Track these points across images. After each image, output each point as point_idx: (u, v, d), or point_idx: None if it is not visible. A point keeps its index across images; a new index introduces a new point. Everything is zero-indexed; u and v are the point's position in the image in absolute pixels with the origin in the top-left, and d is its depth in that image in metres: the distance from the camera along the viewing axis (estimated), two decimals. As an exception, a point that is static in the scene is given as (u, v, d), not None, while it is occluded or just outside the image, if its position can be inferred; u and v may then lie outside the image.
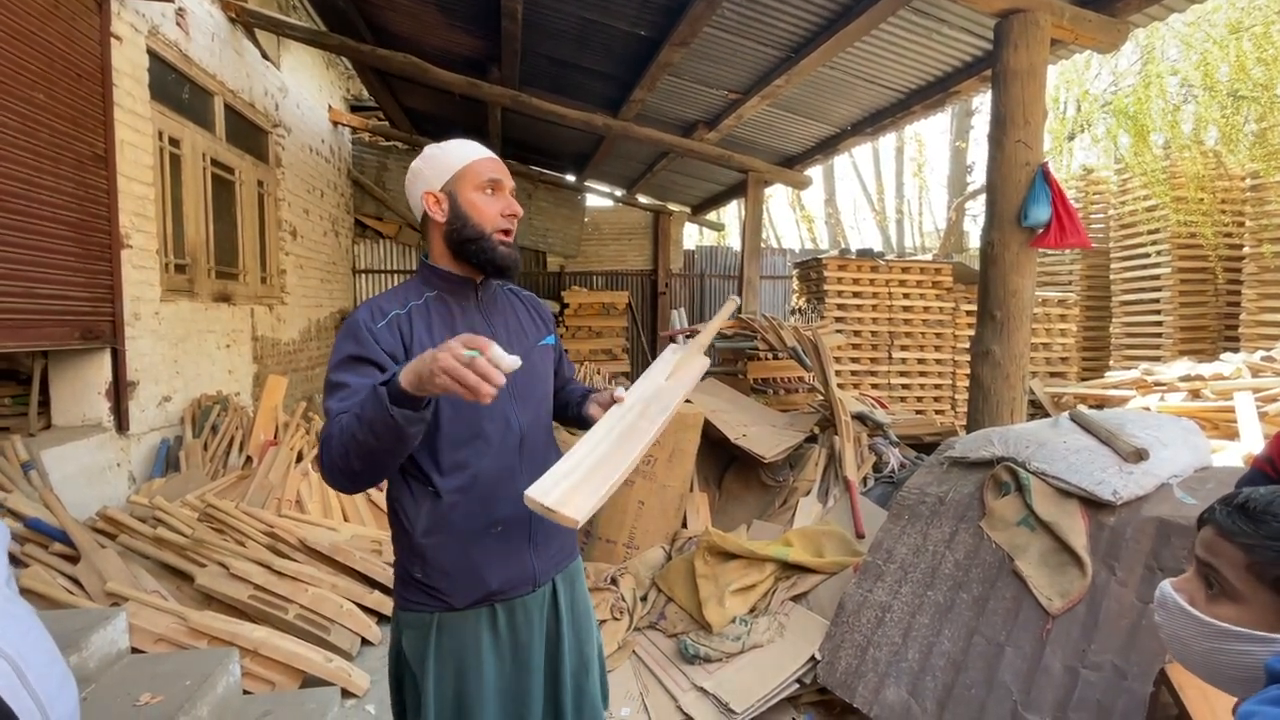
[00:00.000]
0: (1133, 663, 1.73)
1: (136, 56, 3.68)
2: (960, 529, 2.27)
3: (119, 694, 1.87)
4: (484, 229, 1.19)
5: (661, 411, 1.19)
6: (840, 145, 6.10)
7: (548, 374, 1.35)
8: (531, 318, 1.37)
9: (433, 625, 1.19)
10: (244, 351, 5.04)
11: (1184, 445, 2.21)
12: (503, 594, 1.21)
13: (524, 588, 1.23)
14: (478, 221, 1.19)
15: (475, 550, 1.18)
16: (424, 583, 1.19)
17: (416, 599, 1.20)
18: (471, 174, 1.20)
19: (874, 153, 19.75)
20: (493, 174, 1.22)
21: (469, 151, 1.23)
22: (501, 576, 1.20)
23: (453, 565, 1.18)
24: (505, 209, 1.22)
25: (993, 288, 3.24)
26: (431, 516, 1.17)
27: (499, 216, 1.21)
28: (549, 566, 1.27)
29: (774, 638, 2.38)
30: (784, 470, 3.50)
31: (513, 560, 1.21)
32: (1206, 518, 0.82)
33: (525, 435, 1.24)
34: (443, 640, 1.19)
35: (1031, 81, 3.14)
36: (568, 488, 1.01)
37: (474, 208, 1.19)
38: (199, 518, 2.93)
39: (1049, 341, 7.34)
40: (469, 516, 1.17)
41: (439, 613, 1.19)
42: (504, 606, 1.22)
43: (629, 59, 5.16)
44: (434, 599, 1.19)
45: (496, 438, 1.20)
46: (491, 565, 1.19)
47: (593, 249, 9.98)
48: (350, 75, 8.27)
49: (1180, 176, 7.60)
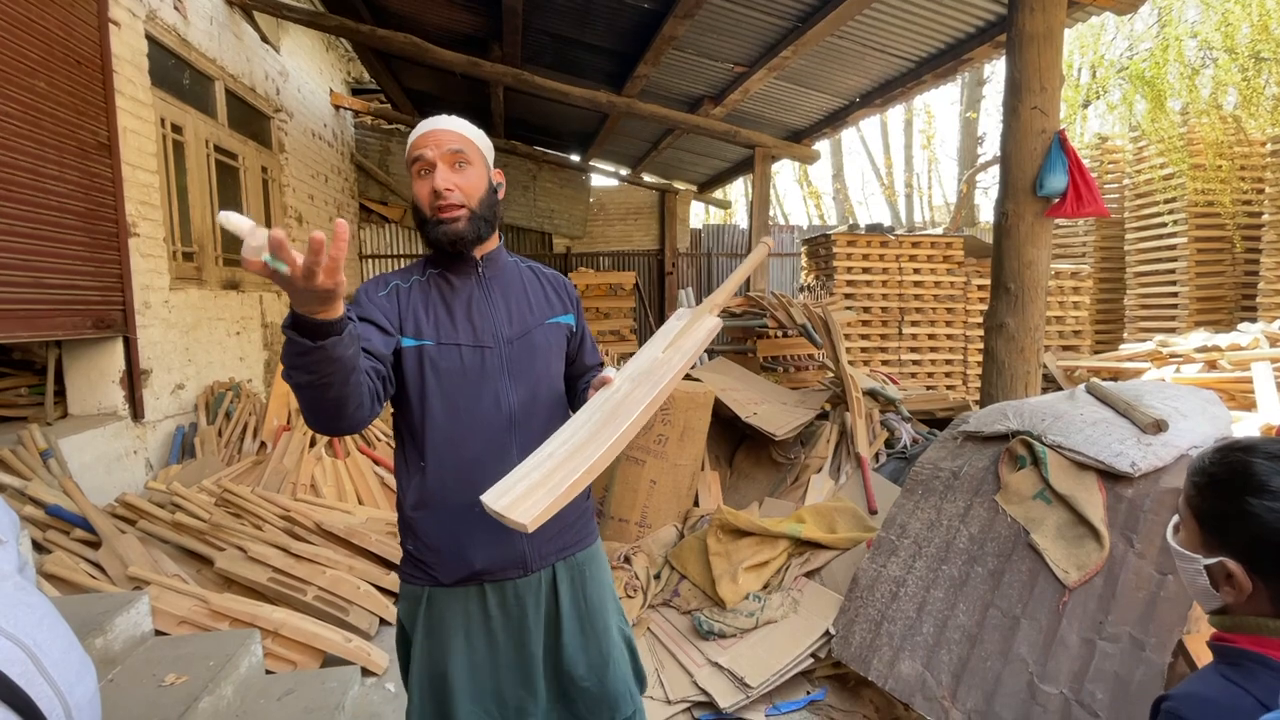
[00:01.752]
0: (1151, 634, 1.72)
1: (135, 42, 3.65)
2: (975, 503, 2.26)
3: (144, 675, 1.91)
4: (425, 214, 1.18)
5: (652, 389, 1.09)
6: (849, 118, 5.99)
7: (552, 352, 1.28)
8: (546, 295, 1.32)
9: (423, 598, 1.20)
10: (254, 338, 5.06)
11: (1203, 416, 2.17)
12: (490, 574, 1.18)
13: (514, 571, 1.19)
14: (420, 207, 1.18)
15: (461, 529, 1.16)
16: (415, 556, 1.20)
17: (409, 570, 1.22)
18: (408, 161, 1.18)
19: (882, 126, 19.44)
20: (417, 153, 1.15)
21: (410, 137, 1.20)
22: (487, 557, 1.17)
23: (439, 541, 1.17)
24: (432, 187, 1.15)
25: (1007, 260, 3.19)
26: (419, 491, 1.17)
27: (429, 197, 1.16)
28: (546, 552, 1.21)
29: (788, 613, 2.39)
30: (795, 448, 3.50)
31: (501, 541, 1.16)
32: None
33: (517, 414, 1.19)
34: (430, 614, 1.19)
35: (1048, 45, 3.05)
36: (525, 489, 0.95)
37: (415, 196, 1.19)
38: (216, 503, 2.97)
39: (1062, 314, 7.25)
40: (455, 494, 1.15)
41: (429, 587, 1.20)
42: (494, 588, 1.19)
43: (632, 33, 5.06)
44: (423, 573, 1.19)
45: (485, 416, 1.17)
46: (477, 545, 1.16)
47: (599, 229, 9.92)
48: (351, 57, 8.19)
49: (1198, 143, 7.42)
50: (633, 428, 1.05)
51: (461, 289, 1.22)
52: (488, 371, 1.18)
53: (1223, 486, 0.86)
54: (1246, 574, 0.83)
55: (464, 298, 1.21)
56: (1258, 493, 0.82)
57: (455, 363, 1.16)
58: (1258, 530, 0.82)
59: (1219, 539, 0.86)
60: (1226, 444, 0.90)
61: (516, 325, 1.23)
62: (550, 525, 1.18)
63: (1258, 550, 0.82)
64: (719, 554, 2.58)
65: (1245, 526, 0.83)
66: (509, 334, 1.21)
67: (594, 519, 1.35)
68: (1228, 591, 0.86)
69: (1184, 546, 0.91)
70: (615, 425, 1.04)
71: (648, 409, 1.07)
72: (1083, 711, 1.70)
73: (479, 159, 1.21)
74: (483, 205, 1.19)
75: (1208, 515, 0.88)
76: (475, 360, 1.17)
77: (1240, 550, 0.84)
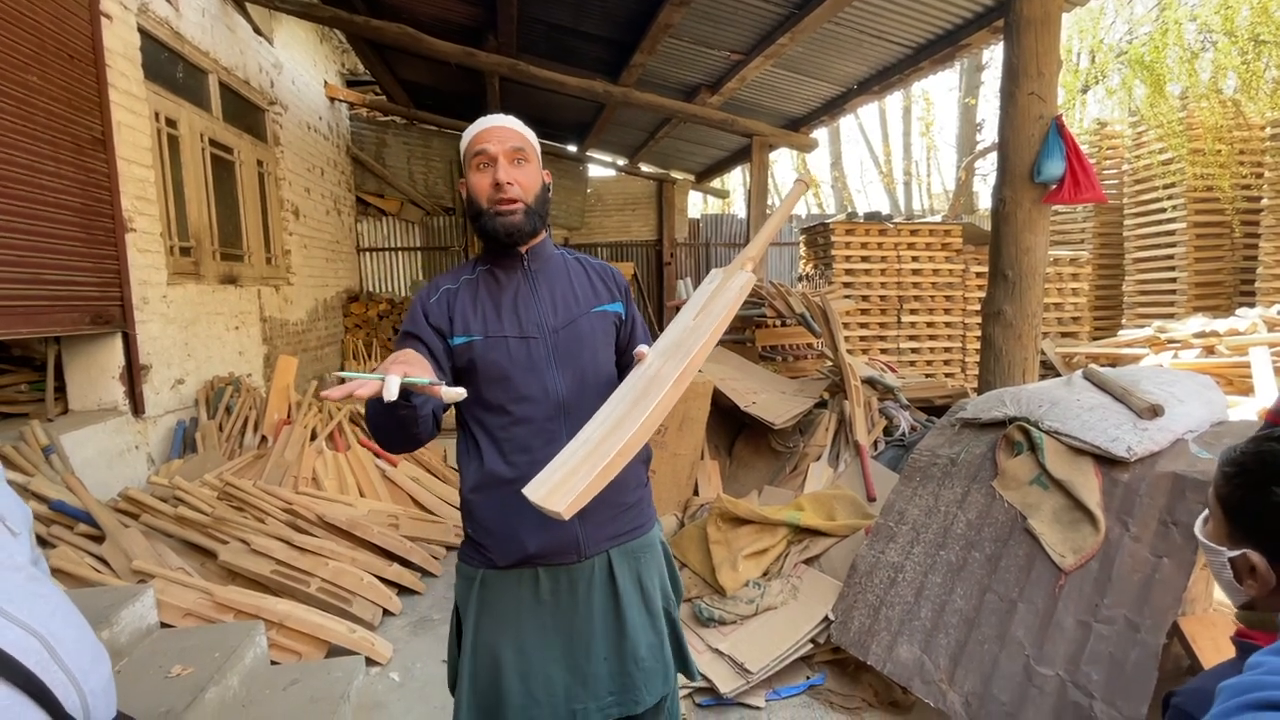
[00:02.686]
0: (1145, 616, 1.74)
1: (128, 35, 3.62)
2: (972, 489, 2.27)
3: (151, 667, 1.93)
4: (481, 205, 1.23)
5: (681, 360, 1.08)
6: (846, 105, 5.97)
7: (598, 340, 1.30)
8: (593, 284, 1.35)
9: (477, 580, 1.25)
10: (253, 333, 5.06)
11: (1199, 400, 2.19)
12: (543, 559, 1.21)
13: (568, 556, 1.22)
14: (476, 199, 1.24)
15: (513, 513, 1.19)
16: (472, 538, 1.26)
17: (467, 552, 1.27)
18: (469, 153, 1.24)
19: (880, 114, 19.34)
20: (480, 146, 1.22)
21: (471, 130, 1.26)
22: (540, 541, 1.20)
23: (494, 524, 1.22)
24: (493, 180, 1.21)
25: (1004, 246, 3.19)
26: (477, 476, 1.23)
27: (490, 189, 1.22)
28: (600, 538, 1.24)
29: (787, 600, 2.41)
30: (794, 437, 3.51)
31: (554, 526, 1.18)
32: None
33: (566, 402, 1.23)
34: (485, 595, 1.24)
35: (1046, 30, 3.04)
36: (561, 477, 0.96)
37: (473, 187, 1.24)
38: (218, 496, 2.99)
39: (1060, 301, 7.24)
40: (507, 479, 1.20)
41: (484, 569, 1.24)
42: (547, 572, 1.22)
43: (628, 22, 5.03)
44: (480, 554, 1.24)
45: (534, 405, 1.22)
46: (529, 529, 1.19)
47: (596, 220, 9.90)
48: (345, 49, 8.13)
49: (1197, 127, 7.39)
50: (664, 404, 1.03)
51: (508, 284, 1.27)
52: (535, 361, 1.22)
53: (1253, 476, 0.83)
54: (1270, 567, 0.81)
55: (510, 292, 1.27)
56: None
57: (504, 354, 1.22)
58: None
59: (1245, 530, 0.84)
60: (1261, 434, 0.88)
61: (562, 315, 1.27)
62: (602, 511, 1.20)
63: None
64: (719, 542, 2.60)
65: (1273, 517, 0.80)
66: (554, 324, 1.26)
67: (652, 505, 1.37)
68: (1251, 585, 0.84)
69: (1211, 539, 0.89)
70: (645, 404, 1.03)
71: (678, 383, 1.06)
72: (1078, 692, 1.72)
73: (534, 158, 1.28)
74: (537, 201, 1.26)
75: (1235, 505, 0.85)
76: (522, 351, 1.23)
77: (1266, 542, 0.82)
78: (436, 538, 3.33)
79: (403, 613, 2.80)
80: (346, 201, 8.11)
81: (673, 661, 1.34)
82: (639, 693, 1.26)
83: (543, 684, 1.22)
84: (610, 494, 1.12)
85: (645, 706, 1.27)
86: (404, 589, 2.94)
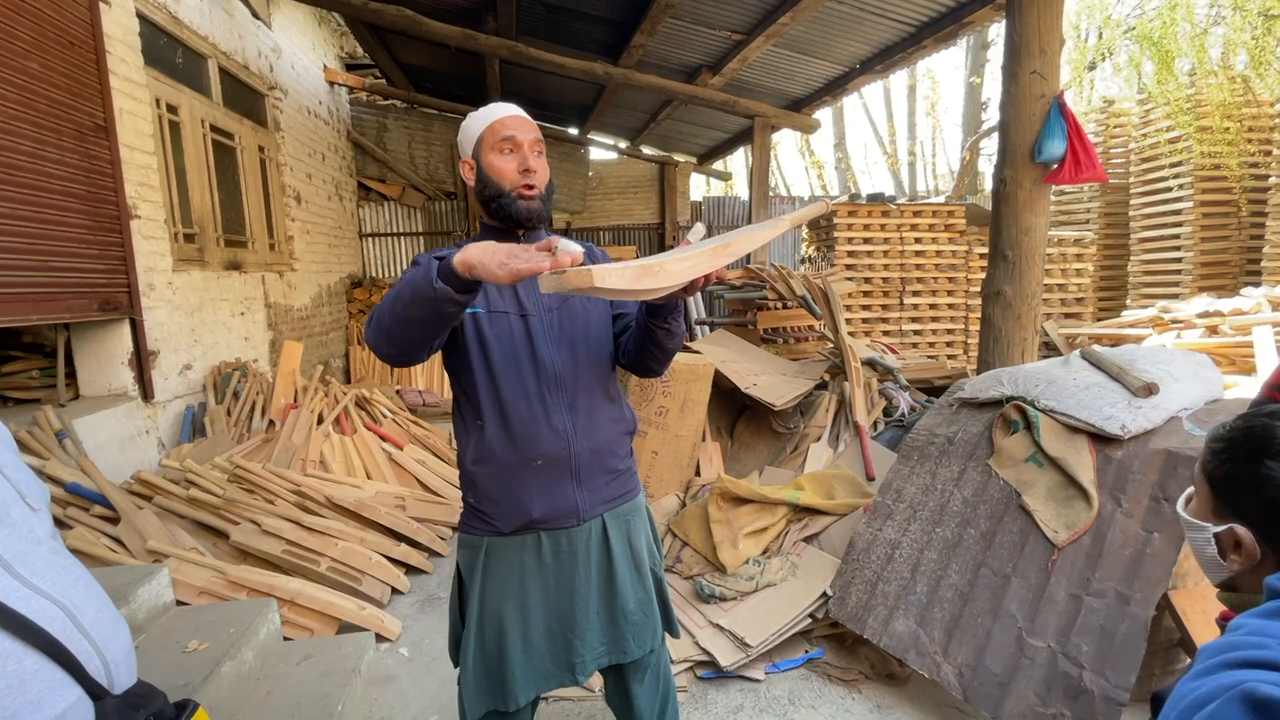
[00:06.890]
0: (1136, 589, 1.78)
1: (127, 20, 3.62)
2: (969, 468, 2.31)
3: (168, 642, 1.99)
4: (503, 187, 1.28)
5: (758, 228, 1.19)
6: (849, 85, 5.91)
7: (591, 318, 1.36)
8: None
9: (482, 548, 1.31)
10: (258, 319, 5.10)
11: (1195, 378, 2.20)
12: (545, 523, 1.30)
13: (569, 520, 1.31)
14: (497, 180, 1.28)
15: (517, 481, 1.28)
16: (475, 507, 1.32)
17: (470, 521, 1.33)
18: (490, 135, 1.29)
19: (885, 93, 19.08)
20: (508, 132, 1.28)
21: (489, 114, 1.31)
22: (543, 506, 1.28)
23: (498, 493, 1.29)
24: (521, 165, 1.27)
25: (1005, 227, 3.19)
26: (478, 448, 1.29)
27: (515, 174, 1.28)
28: (595, 502, 1.33)
29: (787, 576, 2.46)
30: (795, 418, 3.54)
31: (555, 492, 1.28)
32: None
33: (562, 376, 1.29)
34: (490, 562, 1.31)
35: (1048, 7, 3.01)
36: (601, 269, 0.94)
37: (493, 169, 1.29)
38: (229, 479, 3.04)
39: (1064, 282, 7.22)
40: (509, 449, 1.27)
41: (489, 537, 1.31)
42: (549, 536, 1.31)
43: (628, 2, 4.98)
44: (484, 523, 1.31)
45: (530, 378, 1.28)
46: (533, 495, 1.28)
47: (598, 203, 9.85)
48: (343, 32, 8.06)
49: (1205, 105, 7.30)
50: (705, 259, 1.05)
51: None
52: (532, 337, 1.30)
53: (1241, 450, 0.84)
54: (1256, 541, 0.82)
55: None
56: (1278, 456, 0.80)
57: (505, 329, 1.29)
58: (1274, 493, 0.80)
59: (1232, 505, 0.85)
60: (1250, 410, 0.89)
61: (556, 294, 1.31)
62: (598, 477, 1.32)
63: (1271, 515, 0.81)
64: (720, 521, 2.65)
65: (1261, 491, 0.81)
66: (549, 303, 1.33)
67: (636, 475, 1.47)
68: (1234, 560, 0.85)
69: (1194, 516, 0.90)
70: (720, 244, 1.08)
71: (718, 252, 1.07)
72: (1068, 663, 1.77)
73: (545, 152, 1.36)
74: (548, 191, 1.34)
75: (1223, 480, 0.86)
76: (521, 327, 1.30)
77: (1252, 516, 0.83)
78: (443, 519, 3.39)
79: (411, 591, 2.87)
80: (348, 187, 8.10)
81: (659, 621, 1.44)
82: (628, 644, 1.36)
83: (544, 637, 1.31)
84: (604, 460, 1.30)
85: (633, 657, 1.38)
86: (412, 568, 3.01)
